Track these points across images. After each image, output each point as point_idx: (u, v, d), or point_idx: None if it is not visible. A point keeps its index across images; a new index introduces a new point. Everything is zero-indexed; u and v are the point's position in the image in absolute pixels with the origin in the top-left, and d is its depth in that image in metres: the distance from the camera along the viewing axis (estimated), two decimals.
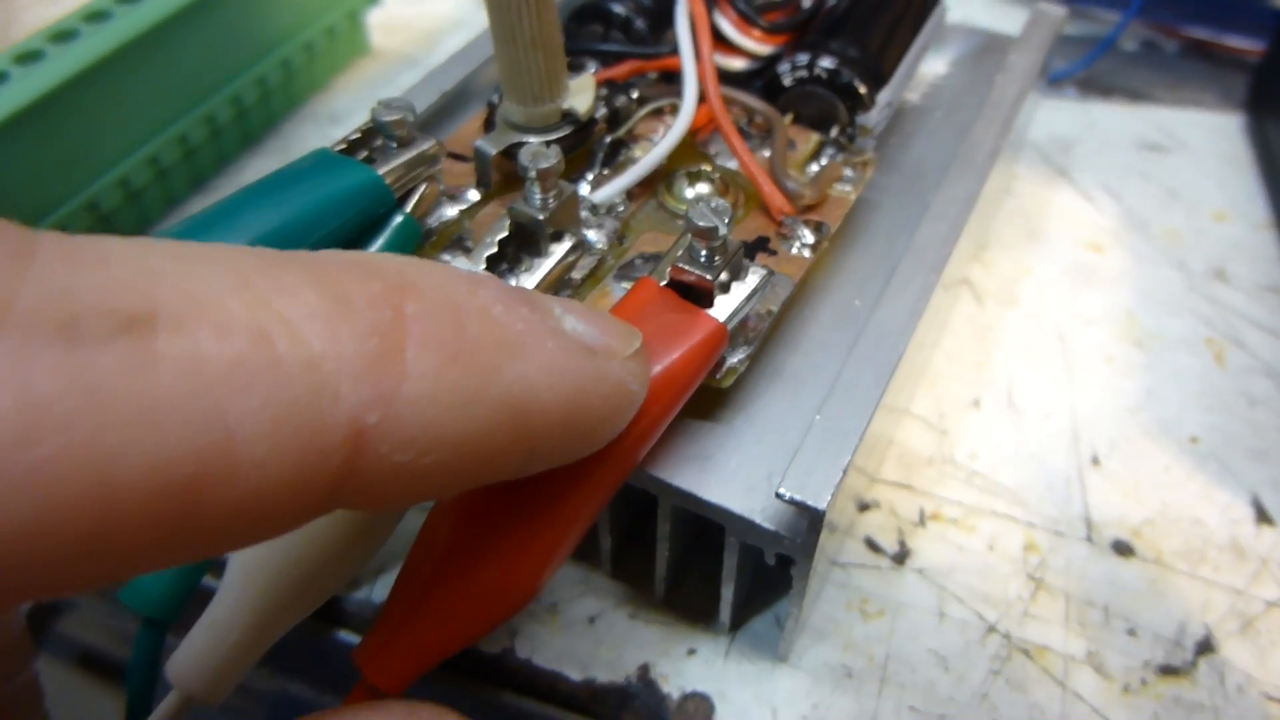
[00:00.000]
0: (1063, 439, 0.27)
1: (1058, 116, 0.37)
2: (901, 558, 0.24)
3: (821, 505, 0.18)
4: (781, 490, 0.18)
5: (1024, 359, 0.29)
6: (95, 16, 0.30)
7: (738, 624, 0.23)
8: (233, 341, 0.10)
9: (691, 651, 0.22)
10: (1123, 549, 0.24)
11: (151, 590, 0.19)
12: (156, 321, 0.10)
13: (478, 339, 0.12)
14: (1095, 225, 0.33)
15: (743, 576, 0.22)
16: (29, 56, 0.28)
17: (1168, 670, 0.22)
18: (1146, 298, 0.31)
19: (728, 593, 0.22)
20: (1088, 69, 0.39)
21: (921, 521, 0.25)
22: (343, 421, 0.11)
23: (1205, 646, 0.23)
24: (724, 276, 0.19)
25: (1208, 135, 0.37)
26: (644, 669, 0.22)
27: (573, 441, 0.14)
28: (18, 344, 0.09)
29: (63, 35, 0.29)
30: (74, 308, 0.09)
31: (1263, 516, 0.25)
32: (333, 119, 0.38)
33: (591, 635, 0.23)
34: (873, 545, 0.24)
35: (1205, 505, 0.25)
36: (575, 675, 0.22)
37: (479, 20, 0.43)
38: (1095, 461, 0.26)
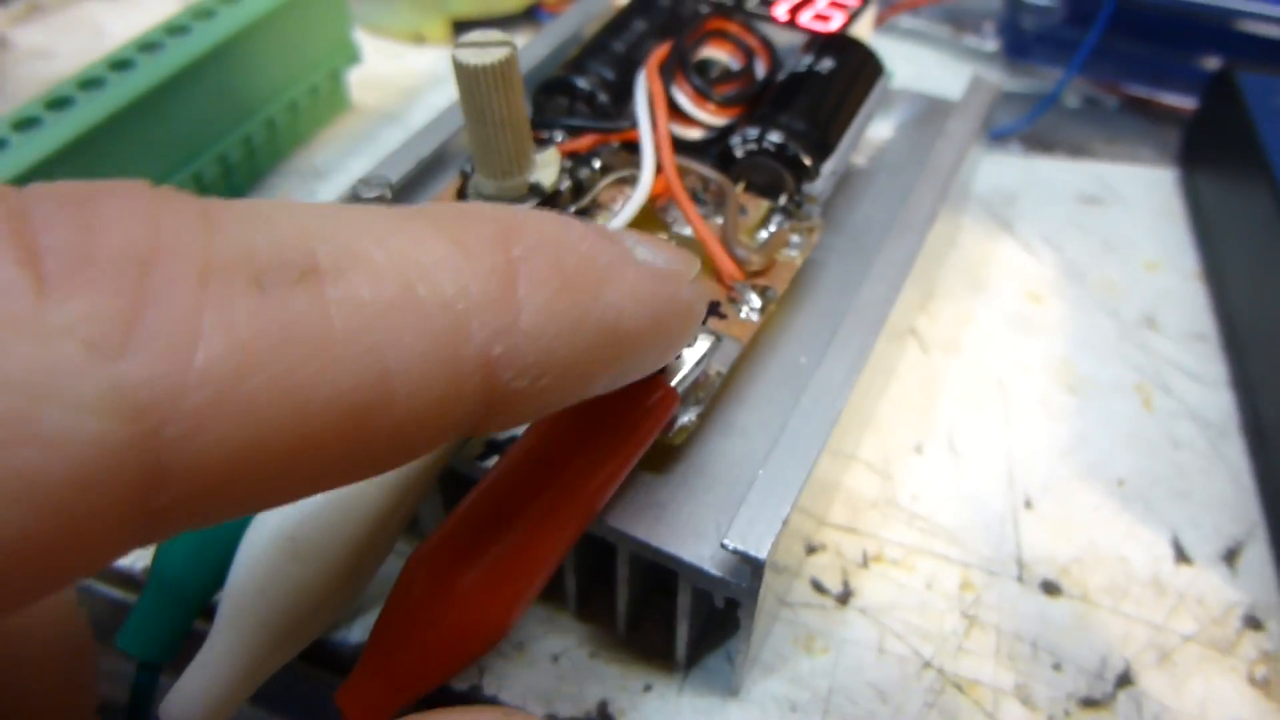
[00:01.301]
0: (999, 481, 0.29)
1: (1002, 171, 0.39)
2: (845, 597, 0.26)
3: (762, 555, 0.19)
4: (726, 541, 0.20)
5: (965, 405, 0.31)
6: (89, 83, 0.32)
7: (692, 661, 0.25)
8: (384, 287, 0.12)
9: (648, 687, 0.24)
10: (1051, 587, 0.26)
11: (146, 634, 0.21)
12: (322, 272, 0.11)
13: (575, 271, 0.14)
14: (1035, 275, 0.35)
15: (696, 617, 0.23)
16: (25, 123, 0.30)
17: (1089, 702, 0.24)
18: (1081, 345, 0.33)
19: (682, 631, 0.23)
20: (1031, 125, 0.41)
21: (865, 563, 0.27)
22: (474, 353, 0.12)
23: (1125, 679, 0.24)
24: None
25: (1143, 188, 0.39)
26: (603, 704, 0.24)
27: (653, 355, 0.16)
28: (222, 296, 0.10)
29: (58, 103, 0.31)
30: (258, 262, 0.11)
31: (1181, 555, 0.27)
32: (315, 174, 0.39)
33: (555, 672, 0.24)
34: (818, 586, 0.26)
35: (1130, 544, 0.27)
36: (539, 710, 0.24)
37: (454, 76, 0.44)
38: (1028, 503, 0.28)
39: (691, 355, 0.21)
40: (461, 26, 0.46)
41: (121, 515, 0.10)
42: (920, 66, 0.45)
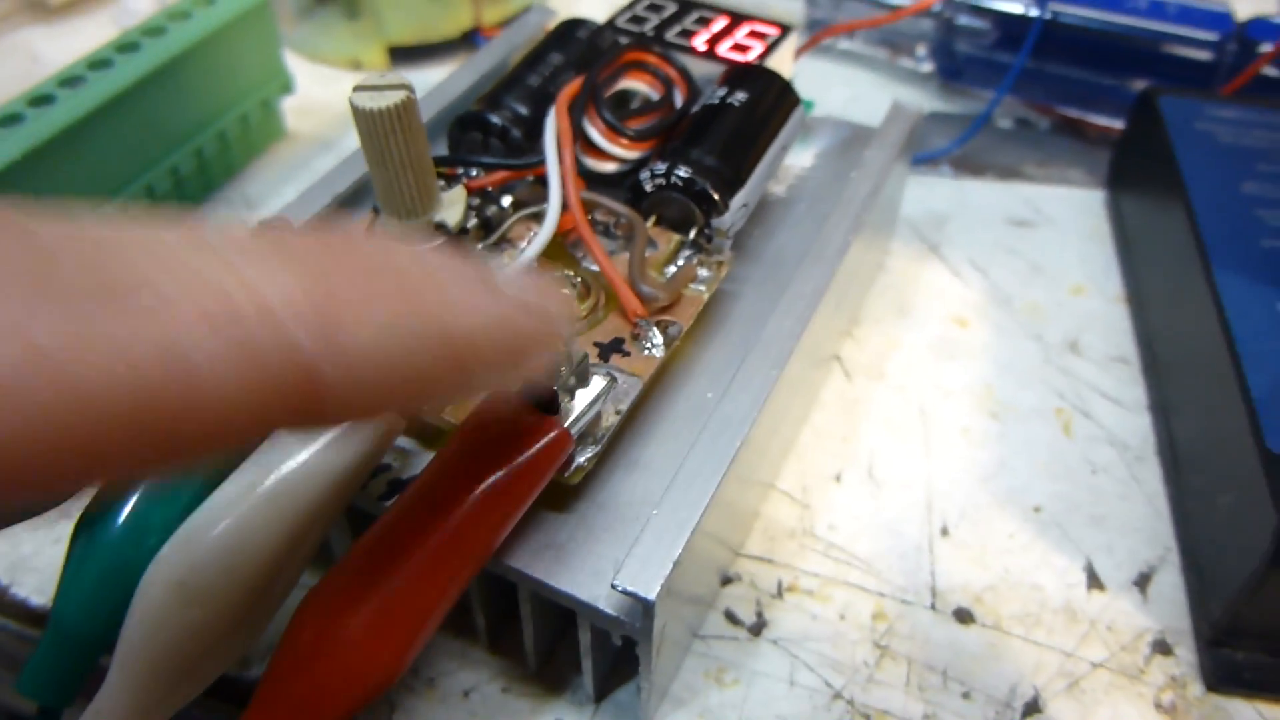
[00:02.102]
0: (917, 510, 0.29)
1: (932, 194, 0.40)
2: (758, 628, 0.26)
3: (651, 596, 0.19)
4: (616, 581, 0.20)
5: (887, 432, 0.31)
6: (7, 120, 0.31)
7: (602, 694, 0.25)
8: (199, 297, 0.12)
9: None
10: (964, 616, 0.26)
11: (45, 678, 0.20)
12: (132, 281, 0.12)
13: (416, 286, 0.15)
14: (962, 300, 0.35)
15: (601, 653, 0.23)
16: None
17: None
18: (1004, 370, 0.33)
19: (587, 667, 0.23)
20: (963, 146, 0.41)
21: (779, 593, 0.27)
22: (291, 355, 0.13)
23: (1033, 707, 0.25)
24: (571, 383, 0.21)
25: (1072, 211, 0.39)
26: None
27: (501, 368, 0.17)
28: (18, 301, 0.11)
29: None
30: (65, 272, 0.12)
31: (1094, 581, 0.27)
32: (248, 203, 0.39)
33: (466, 708, 0.24)
34: (731, 617, 0.26)
35: (1044, 571, 0.27)
36: None
37: None
38: (945, 531, 0.28)
39: (585, 396, 0.21)
40: (398, 52, 0.46)
41: None
42: (856, 89, 0.46)
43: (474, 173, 0.28)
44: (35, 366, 0.11)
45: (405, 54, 0.46)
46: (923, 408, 0.32)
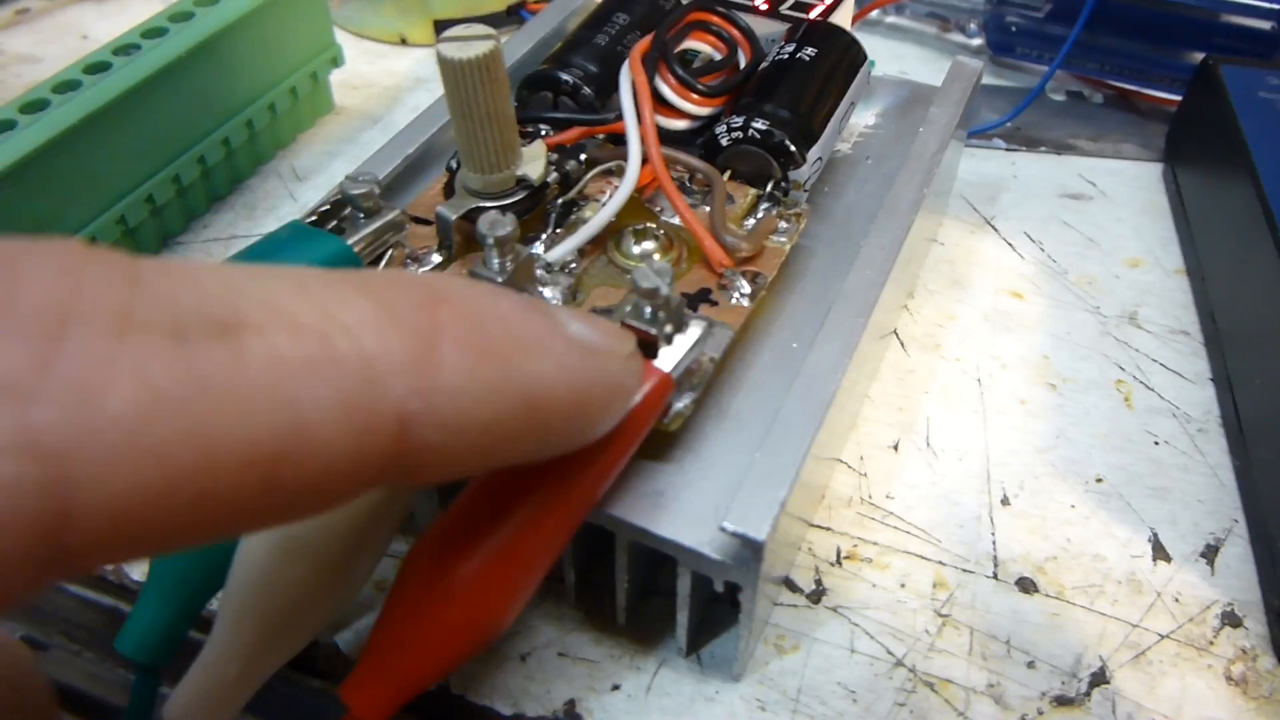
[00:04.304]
0: (975, 479, 0.28)
1: (985, 166, 0.39)
2: (817, 596, 0.26)
3: (761, 536, 0.19)
4: (725, 523, 0.20)
5: (943, 402, 0.30)
6: (65, 86, 0.32)
7: (692, 649, 0.24)
8: (304, 343, 0.12)
9: (615, 687, 0.24)
10: (1026, 585, 0.26)
11: (145, 638, 0.21)
12: (244, 327, 0.12)
13: (499, 340, 0.15)
14: (1017, 272, 0.35)
15: (697, 603, 0.23)
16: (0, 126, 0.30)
17: (1063, 701, 0.24)
18: (1062, 342, 0.32)
19: (682, 619, 0.23)
20: (1015, 120, 0.40)
21: (838, 561, 0.26)
22: (392, 408, 0.13)
23: (1099, 678, 0.24)
24: (668, 329, 0.21)
25: (1127, 184, 0.39)
26: (570, 704, 0.24)
27: (577, 428, 0.17)
28: (139, 347, 0.11)
29: (33, 106, 0.31)
30: (179, 317, 0.11)
31: (1160, 553, 0.27)
32: (297, 175, 0.39)
33: (523, 671, 0.24)
34: (791, 584, 0.26)
35: (1106, 542, 0.27)
36: (506, 710, 0.23)
37: (437, 76, 0.44)
38: (1005, 501, 0.28)
39: (684, 341, 0.21)
40: (444, 27, 0.46)
41: (29, 553, 0.10)
42: (904, 63, 0.45)
43: (545, 132, 0.27)
44: (164, 413, 0.11)
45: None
46: (979, 379, 0.31)
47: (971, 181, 0.38)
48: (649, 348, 0.21)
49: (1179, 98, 0.39)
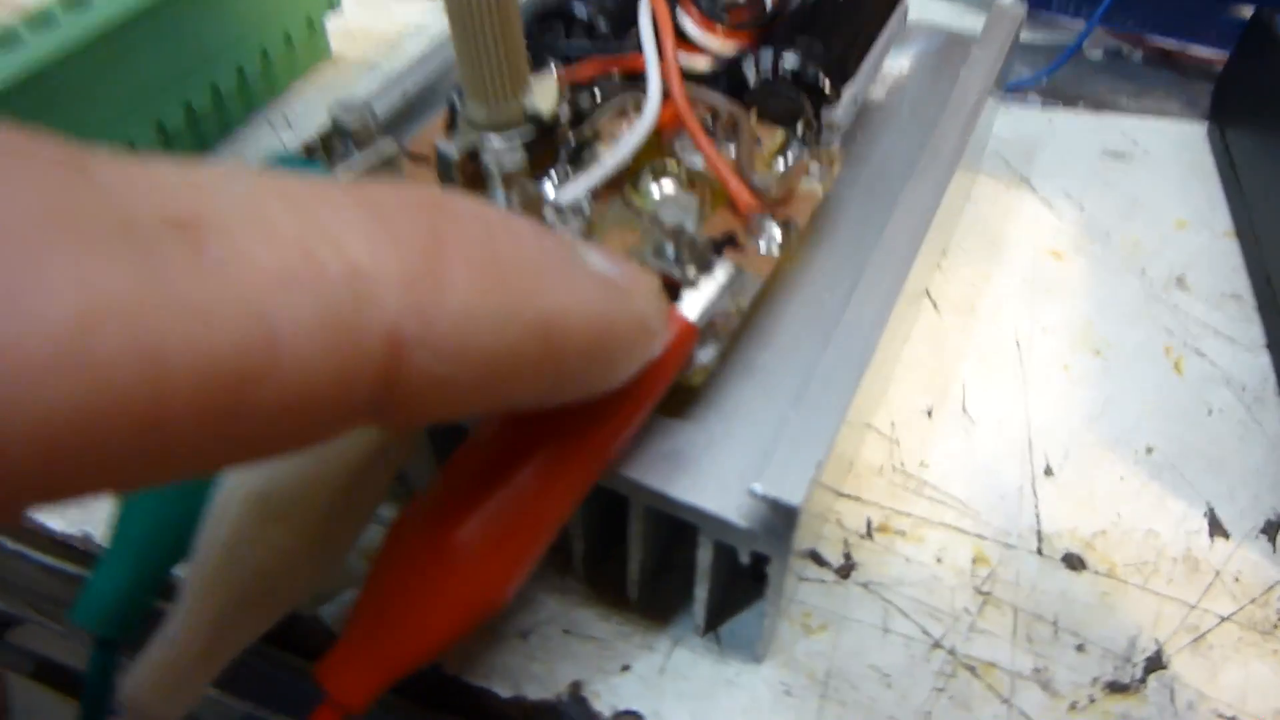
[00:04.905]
0: (1016, 449, 0.26)
1: (1021, 124, 0.37)
2: (846, 571, 0.23)
3: (796, 501, 0.17)
4: (756, 487, 0.17)
5: (980, 367, 0.28)
6: (39, 21, 0.29)
7: (711, 626, 0.22)
8: (280, 250, 0.11)
9: (625, 668, 0.22)
10: (1074, 561, 0.24)
11: (102, 609, 0.19)
12: (207, 228, 0.10)
13: (512, 261, 0.13)
14: (1056, 233, 0.33)
15: (716, 578, 0.21)
16: None
17: (1116, 687, 0.22)
18: (1105, 306, 0.30)
19: (701, 593, 0.21)
20: (1051, 77, 0.38)
21: (869, 533, 0.24)
22: (383, 328, 0.11)
23: (1155, 663, 0.22)
24: (691, 273, 0.19)
25: (1171, 144, 0.36)
26: (576, 685, 0.21)
27: (597, 370, 0.15)
28: (77, 246, 0.09)
29: (4, 40, 0.29)
30: (131, 216, 0.10)
31: (1217, 528, 0.25)
32: (290, 125, 0.37)
33: (524, 650, 0.22)
34: (817, 558, 0.24)
35: (1160, 517, 0.25)
36: (505, 692, 0.21)
37: (440, 25, 0.42)
38: (1048, 471, 0.26)
39: (709, 286, 0.19)
40: None
41: None
42: (935, 19, 0.43)
43: (554, 66, 0.25)
44: (103, 321, 0.09)
45: None
46: (1018, 343, 0.29)
47: (1007, 139, 0.36)
48: (672, 290, 0.19)
49: (1225, 54, 0.37)
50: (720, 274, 0.19)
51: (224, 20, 0.34)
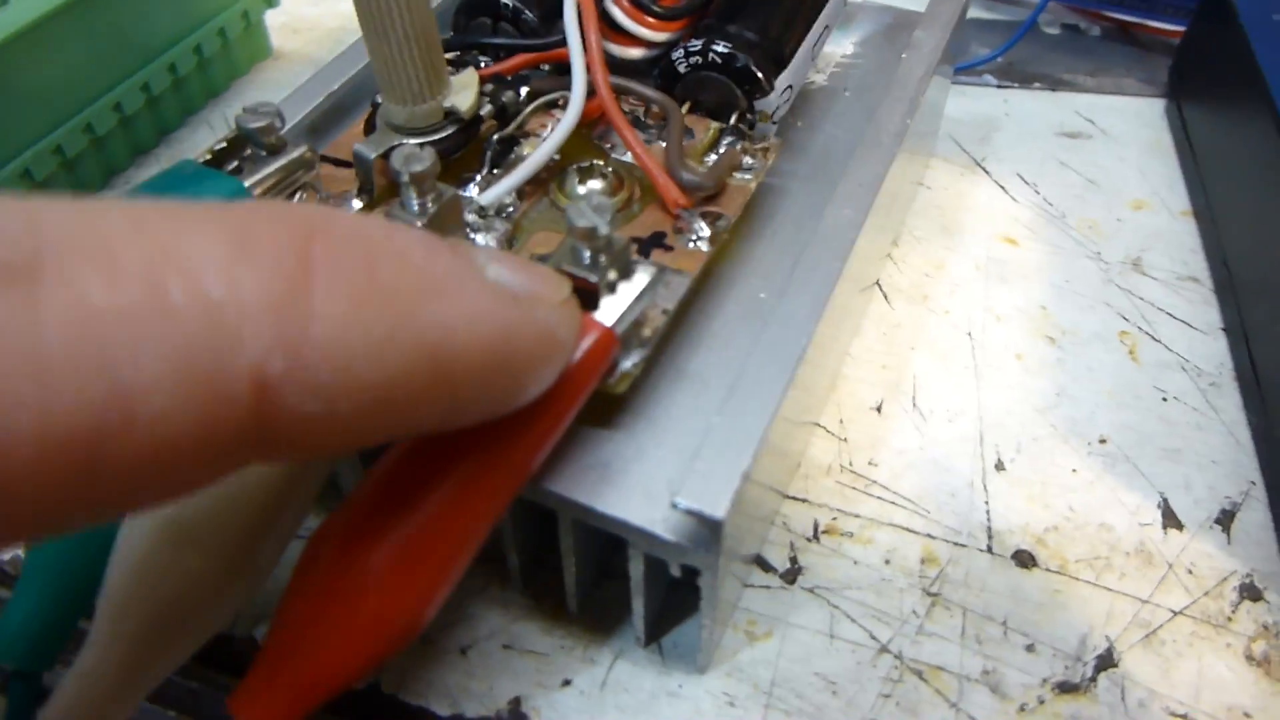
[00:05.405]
0: (967, 443, 0.26)
1: (975, 105, 0.36)
2: (793, 575, 0.23)
3: (719, 514, 0.17)
4: (678, 500, 0.17)
5: (932, 359, 0.28)
6: None
7: (652, 637, 0.22)
8: (122, 289, 0.10)
9: (566, 683, 0.21)
10: (1024, 559, 0.23)
11: (17, 640, 0.18)
12: (41, 272, 0.09)
13: (393, 282, 0.12)
14: (1011, 217, 0.32)
15: (654, 588, 0.20)
16: None
17: (1066, 687, 0.21)
18: (1061, 291, 0.30)
19: (638, 605, 0.20)
20: (1007, 55, 0.37)
21: (815, 536, 0.24)
22: (246, 369, 0.10)
23: (1106, 661, 0.22)
24: (611, 276, 0.18)
25: (1129, 121, 0.36)
26: (516, 702, 0.21)
27: (499, 389, 0.14)
28: None
29: None
30: None
31: (1171, 520, 0.24)
32: (229, 125, 0.36)
33: (463, 666, 0.22)
34: (762, 564, 0.23)
35: (1114, 509, 0.24)
36: (444, 710, 0.21)
37: None
38: (999, 466, 0.25)
39: (630, 290, 0.18)
40: None
41: None
42: None
43: (482, 63, 0.24)
44: None
45: None
46: (971, 332, 0.28)
47: (961, 121, 0.35)
48: (589, 297, 0.18)
49: (1183, 28, 0.36)
50: (640, 277, 0.19)
51: (153, 15, 0.33)
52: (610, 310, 0.18)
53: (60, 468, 0.09)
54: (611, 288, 0.18)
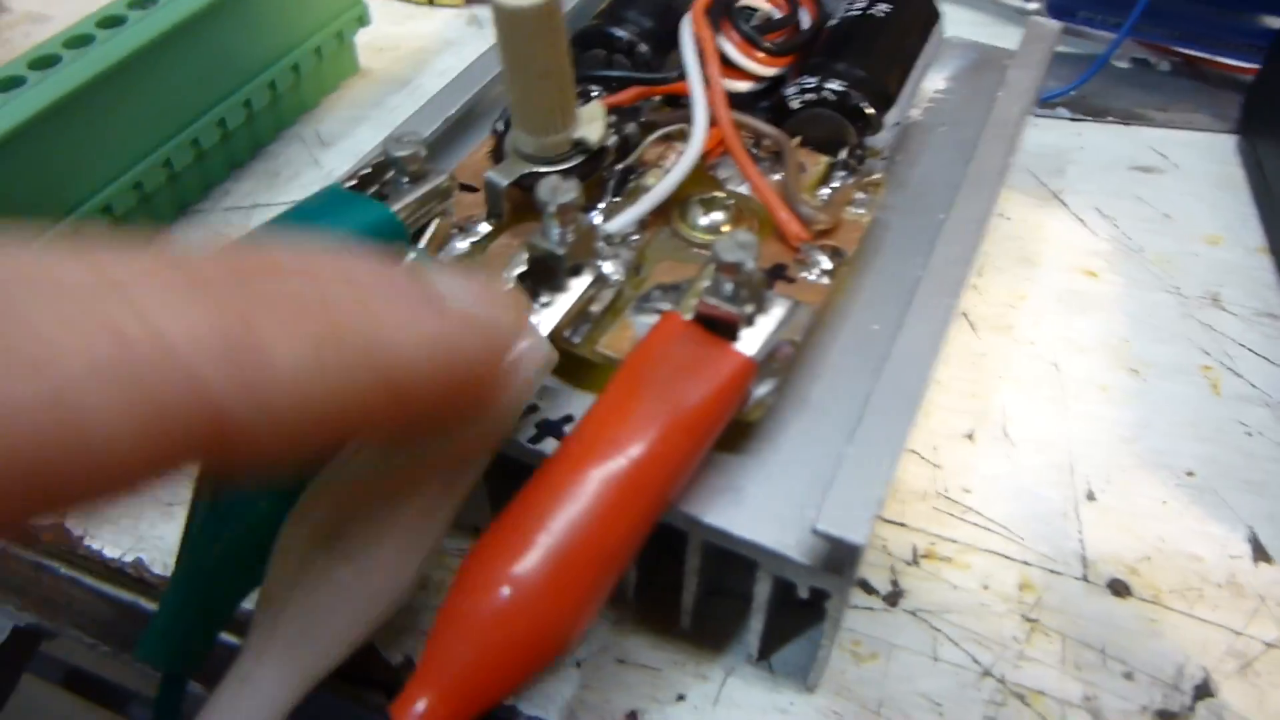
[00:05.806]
0: (1058, 472, 0.26)
1: (1049, 137, 0.37)
2: (894, 598, 0.24)
3: (859, 539, 0.17)
4: (819, 525, 0.18)
5: (1018, 388, 0.28)
6: (76, 42, 0.29)
7: (764, 654, 0.23)
8: (83, 332, 0.10)
9: (681, 697, 0.22)
10: (1119, 588, 0.24)
11: (168, 645, 0.19)
12: (22, 332, 0.10)
13: (346, 311, 0.13)
14: (1088, 249, 0.33)
15: (772, 609, 0.21)
16: (8, 83, 0.28)
17: (1166, 715, 0.22)
18: (1140, 324, 0.30)
19: (757, 624, 0.21)
20: (1079, 89, 0.38)
21: (914, 560, 0.24)
22: (202, 403, 0.11)
23: (1204, 690, 0.22)
24: (749, 309, 0.19)
25: (1201, 156, 0.36)
26: (632, 715, 0.22)
27: (448, 399, 0.15)
28: None
29: (43, 62, 0.29)
30: None
31: (1260, 553, 0.25)
32: (321, 140, 0.37)
33: (578, 679, 0.22)
34: (865, 586, 0.24)
35: (1202, 541, 0.25)
36: None
37: (467, 39, 0.42)
38: (1090, 496, 0.26)
39: (767, 323, 0.19)
40: None
41: None
42: (956, 28, 0.43)
43: (597, 93, 0.25)
44: None
45: None
46: (1055, 362, 0.29)
47: (1036, 153, 0.36)
48: (729, 329, 0.19)
49: (1256, 65, 0.37)
50: (777, 310, 0.20)
51: (257, 36, 0.34)
52: (749, 341, 0.19)
53: (16, 486, 0.10)
54: (750, 320, 0.19)
